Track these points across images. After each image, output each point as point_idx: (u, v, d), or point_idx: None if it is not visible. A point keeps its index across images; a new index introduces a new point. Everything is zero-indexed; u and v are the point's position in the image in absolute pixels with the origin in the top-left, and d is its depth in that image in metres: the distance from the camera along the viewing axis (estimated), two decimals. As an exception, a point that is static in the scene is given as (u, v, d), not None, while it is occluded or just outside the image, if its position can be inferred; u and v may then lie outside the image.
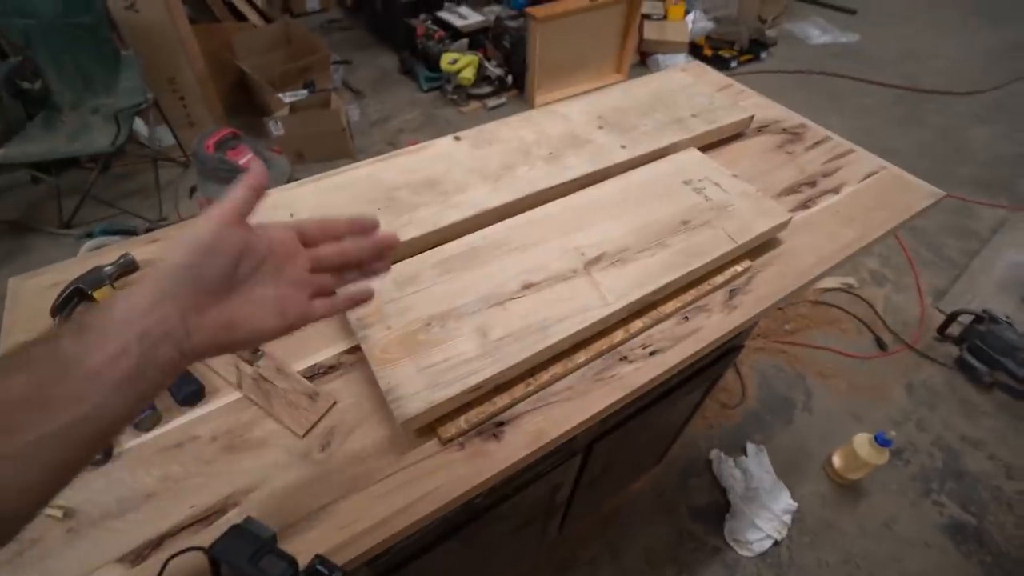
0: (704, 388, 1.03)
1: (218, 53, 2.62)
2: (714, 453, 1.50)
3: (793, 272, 0.77)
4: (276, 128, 2.39)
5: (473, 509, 0.69)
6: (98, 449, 0.31)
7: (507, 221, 0.74)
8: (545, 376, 0.62)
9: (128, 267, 0.74)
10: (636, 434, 0.93)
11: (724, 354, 0.93)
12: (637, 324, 0.67)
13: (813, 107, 3.01)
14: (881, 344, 1.80)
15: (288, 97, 2.53)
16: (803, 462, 1.51)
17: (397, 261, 0.69)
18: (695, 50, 3.44)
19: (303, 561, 0.42)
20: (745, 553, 1.33)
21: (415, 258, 0.69)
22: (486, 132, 0.92)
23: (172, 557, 0.42)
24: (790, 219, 0.78)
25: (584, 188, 0.81)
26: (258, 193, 0.37)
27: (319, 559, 0.44)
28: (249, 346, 0.39)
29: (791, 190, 0.91)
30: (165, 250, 0.33)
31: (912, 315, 1.90)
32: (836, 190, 0.92)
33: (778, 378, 1.70)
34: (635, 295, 0.65)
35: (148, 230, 2.00)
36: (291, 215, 0.75)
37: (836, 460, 1.46)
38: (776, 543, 1.34)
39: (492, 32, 3.12)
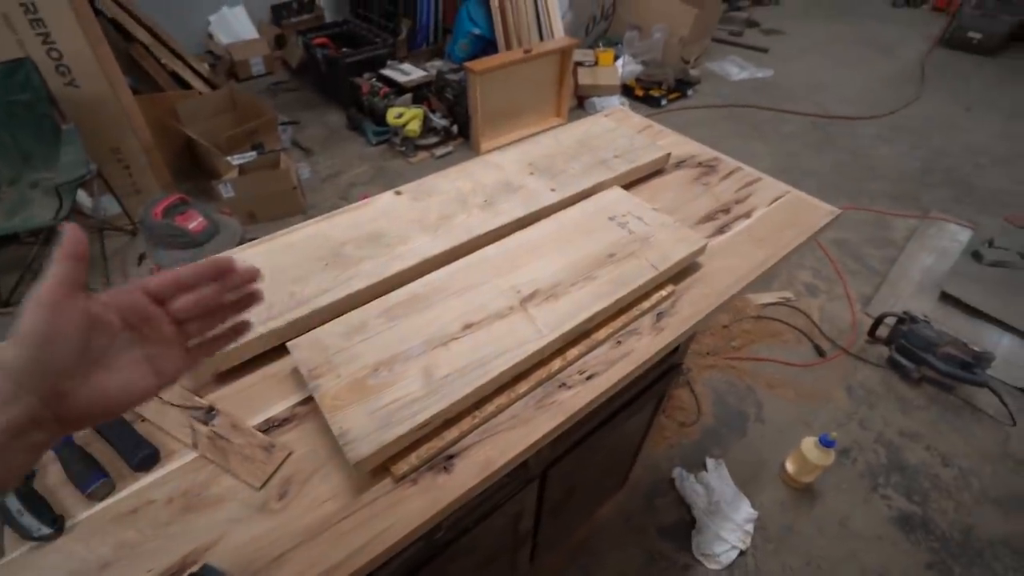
0: (651, 407, 1.09)
1: (163, 121, 2.64)
2: (676, 471, 1.54)
3: (713, 292, 0.85)
4: (226, 191, 2.40)
5: (435, 544, 0.71)
6: None
7: (447, 267, 0.80)
8: (490, 408, 0.66)
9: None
10: (590, 457, 0.97)
11: (664, 373, 0.99)
12: (573, 352, 0.73)
13: (739, 136, 3.26)
14: (820, 351, 1.92)
15: (237, 160, 2.56)
16: (760, 471, 1.58)
17: (345, 313, 0.73)
18: (627, 91, 3.69)
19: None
20: (713, 567, 1.36)
21: (362, 308, 0.73)
22: (425, 185, 0.99)
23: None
24: (706, 245, 0.87)
25: (518, 231, 0.88)
26: (79, 259, 0.35)
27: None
28: (129, 408, 0.37)
29: (708, 218, 1.01)
30: (4, 343, 0.33)
31: (845, 322, 2.04)
32: (748, 215, 1.02)
33: (730, 393, 1.79)
34: (568, 325, 0.71)
35: (94, 301, 1.96)
36: (240, 277, 0.79)
37: (789, 466, 1.54)
38: (742, 553, 1.38)
39: (435, 86, 3.27)
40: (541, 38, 3.57)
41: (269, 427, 0.65)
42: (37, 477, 0.61)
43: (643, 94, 3.67)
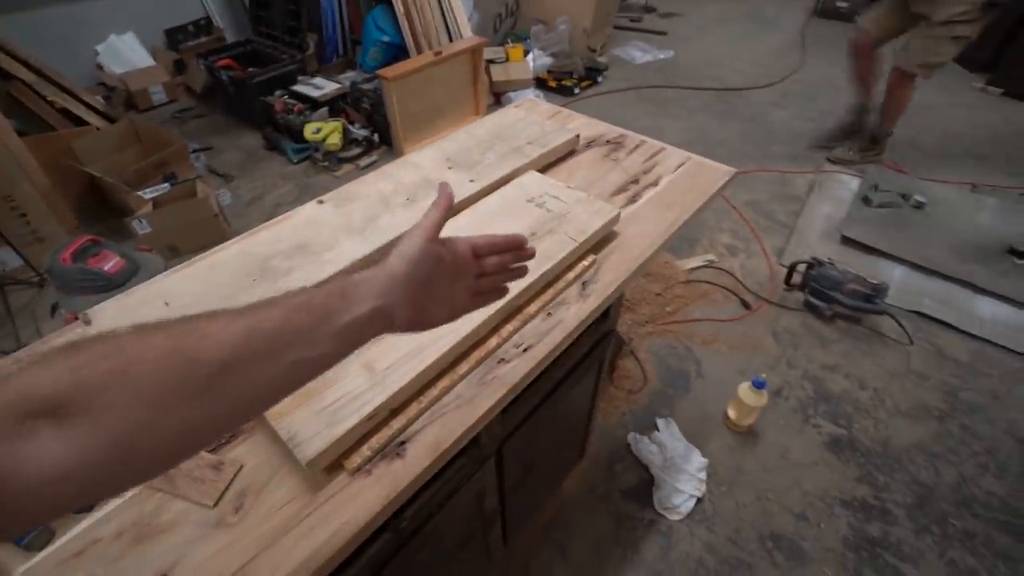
0: (593, 375, 1.15)
1: (59, 162, 2.46)
2: (631, 436, 1.63)
3: (631, 257, 0.92)
4: (141, 227, 2.28)
5: (401, 534, 0.73)
6: (313, 377, 0.40)
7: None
8: (434, 392, 0.69)
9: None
10: (542, 430, 1.02)
11: (600, 340, 1.06)
12: (507, 328, 0.77)
13: (650, 115, 3.43)
14: (745, 304, 2.07)
15: (149, 193, 2.43)
16: (706, 422, 1.69)
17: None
18: (541, 84, 3.79)
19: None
20: (675, 517, 1.45)
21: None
22: (346, 191, 1.00)
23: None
24: (619, 213, 0.94)
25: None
26: (448, 213, 0.49)
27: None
28: (426, 329, 0.50)
29: (620, 190, 1.08)
30: (394, 255, 0.46)
31: (764, 275, 2.21)
32: (656, 183, 1.10)
33: (671, 355, 1.89)
34: (499, 304, 0.75)
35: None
36: (166, 303, 0.77)
37: (730, 412, 1.66)
38: (699, 500, 1.48)
39: (350, 97, 3.23)
40: (450, 39, 3.61)
41: (215, 446, 0.65)
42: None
43: (556, 85, 3.78)
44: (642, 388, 1.78)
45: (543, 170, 1.08)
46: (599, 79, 3.88)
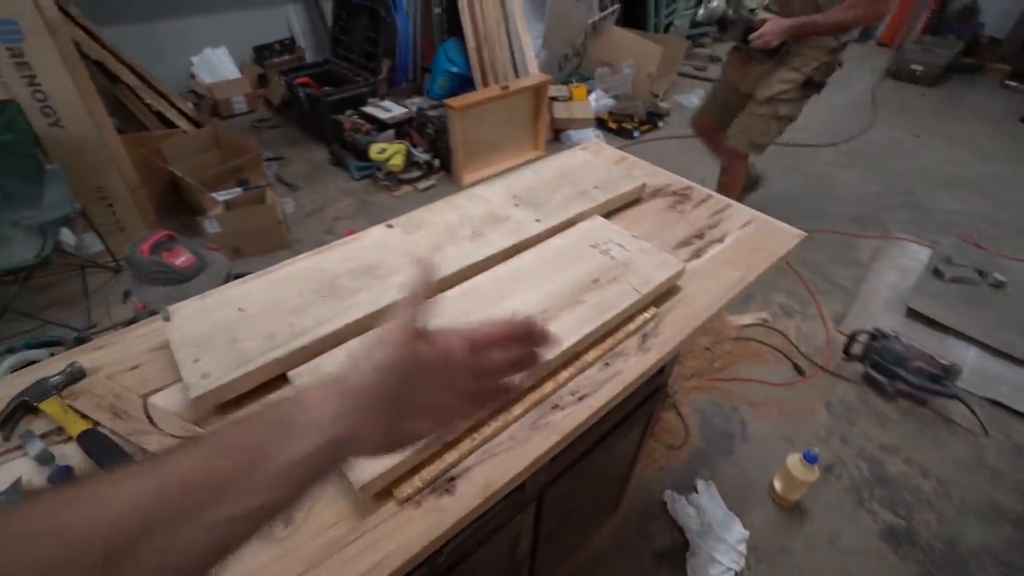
0: (640, 429, 1.12)
1: (148, 159, 2.66)
2: (667, 494, 1.56)
3: (693, 313, 0.90)
4: (212, 226, 2.42)
5: (437, 569, 0.72)
6: (253, 535, 0.32)
7: (440, 296, 0.83)
8: (488, 430, 0.69)
9: (76, 375, 0.76)
10: (584, 479, 1.00)
11: (651, 395, 1.03)
12: (564, 374, 0.76)
13: (708, 165, 3.38)
14: (799, 369, 1.99)
15: (222, 196, 2.58)
16: (749, 490, 1.60)
17: (337, 342, 0.76)
18: (601, 124, 3.84)
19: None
20: (709, 588, 1.37)
21: (358, 338, 0.76)
22: (415, 218, 1.03)
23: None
24: (684, 268, 0.93)
25: (506, 260, 0.92)
26: (427, 300, 0.38)
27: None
28: (402, 449, 0.39)
29: (684, 243, 1.07)
30: (350, 367, 0.36)
31: (820, 340, 2.12)
32: (721, 239, 1.08)
33: (716, 413, 1.83)
34: (559, 348, 0.75)
35: (78, 339, 1.92)
36: (239, 310, 0.81)
37: (776, 484, 1.57)
38: (736, 574, 1.40)
39: (416, 122, 3.36)
40: (517, 75, 3.72)
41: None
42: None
43: (616, 127, 3.82)
44: (683, 444, 1.71)
45: (607, 216, 1.08)
46: (660, 124, 3.90)
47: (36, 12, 1.97)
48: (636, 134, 3.78)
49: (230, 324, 0.78)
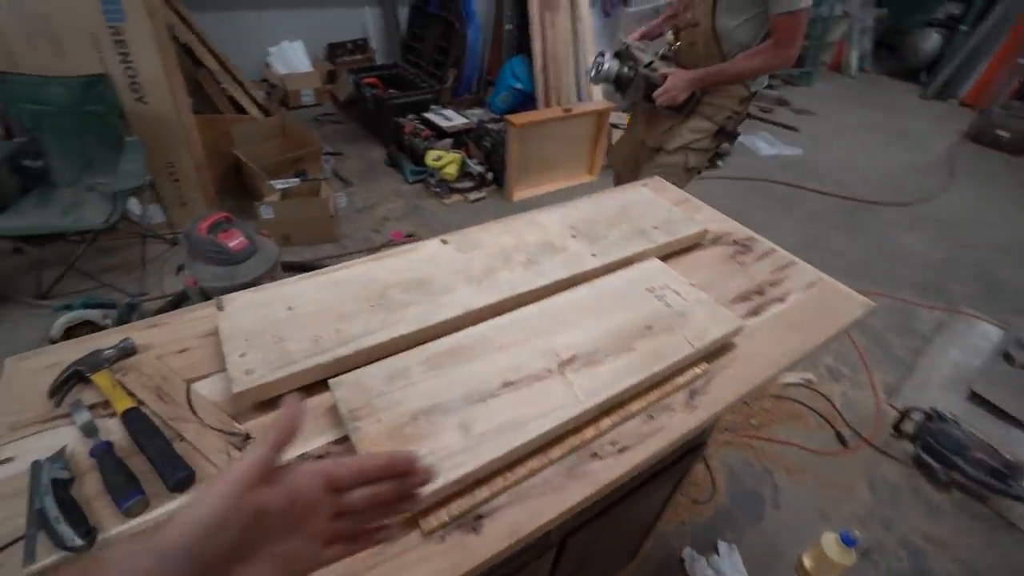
0: (672, 483, 1.07)
1: (217, 141, 2.77)
2: (687, 552, 1.49)
3: (747, 375, 0.85)
4: (267, 212, 2.49)
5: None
6: None
7: (489, 322, 0.82)
8: (522, 471, 0.66)
9: (128, 351, 0.78)
10: (608, 528, 0.95)
11: (689, 451, 0.98)
12: (607, 422, 0.73)
13: (766, 211, 3.31)
14: (842, 440, 1.88)
15: (280, 184, 2.66)
16: (774, 562, 1.51)
17: (388, 356, 0.75)
18: (660, 157, 3.79)
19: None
20: (720, 660, 1.29)
21: (405, 354, 0.75)
22: (470, 237, 1.02)
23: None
24: (742, 326, 0.88)
25: (559, 292, 0.90)
26: (285, 445, 0.34)
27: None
28: None
29: (742, 298, 1.02)
30: (169, 520, 0.31)
31: (868, 411, 2.00)
32: (782, 299, 1.03)
33: (747, 472, 1.74)
34: (604, 395, 0.72)
35: (130, 305, 2.01)
36: (289, 308, 0.81)
37: (807, 561, 1.47)
38: (750, 650, 1.31)
39: (474, 133, 3.40)
40: (579, 98, 3.73)
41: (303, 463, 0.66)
42: (76, 485, 0.62)
43: (675, 161, 3.77)
44: (709, 500, 1.64)
45: (664, 259, 1.05)
46: (719, 163, 3.83)
47: (140, -6, 2.09)
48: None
49: (279, 322, 0.79)
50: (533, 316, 0.84)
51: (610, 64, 1.69)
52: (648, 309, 0.87)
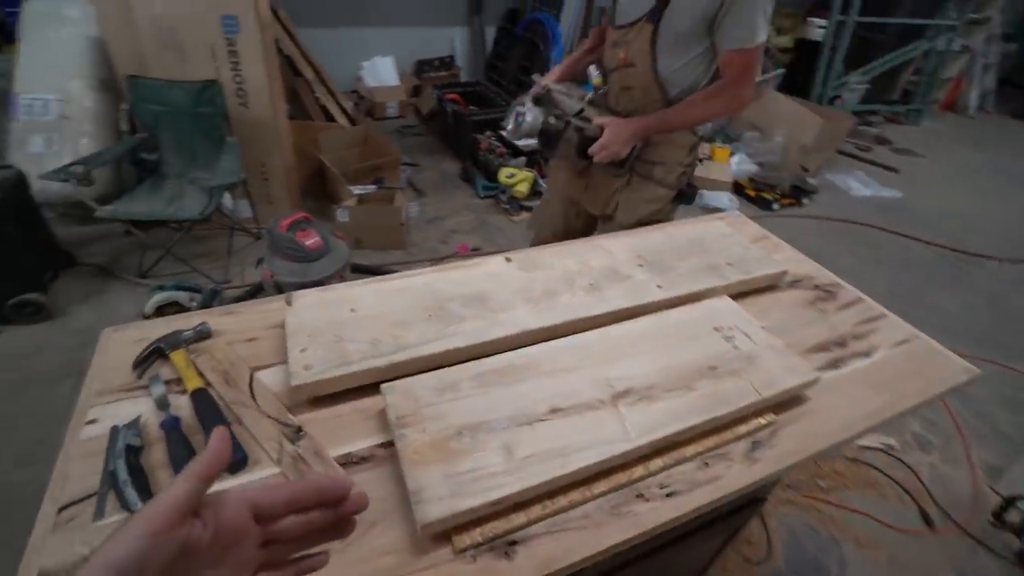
0: (723, 538, 0.99)
1: (305, 146, 2.97)
2: (732, 612, 1.38)
3: (819, 432, 0.78)
4: (343, 216, 2.62)
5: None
6: None
7: (545, 344, 0.80)
8: (563, 501, 0.64)
9: (204, 335, 0.83)
10: (645, 572, 0.90)
11: (745, 505, 0.91)
12: (657, 463, 0.69)
13: (854, 256, 3.08)
14: (927, 519, 1.68)
15: (358, 190, 2.80)
16: (832, 640, 1.37)
17: (441, 367, 0.75)
18: (738, 189, 3.65)
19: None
20: None
21: (456, 367, 0.75)
22: (533, 256, 1.02)
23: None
24: (818, 378, 0.81)
25: (619, 321, 0.87)
26: (211, 480, 0.33)
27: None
28: None
29: (820, 348, 0.94)
30: (84, 562, 0.29)
31: (963, 491, 1.78)
32: (867, 353, 0.94)
33: (809, 538, 1.59)
34: (658, 433, 0.68)
35: (213, 291, 2.16)
36: (352, 310, 0.84)
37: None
38: None
39: (549, 154, 3.42)
40: (660, 126, 3.66)
41: (348, 462, 0.67)
42: (144, 453, 0.66)
43: (754, 195, 3.61)
44: (763, 562, 1.51)
45: (736, 297, 0.99)
46: (804, 201, 3.62)
47: (254, 11, 2.29)
48: (775, 206, 3.53)
49: (341, 322, 0.81)
50: (590, 343, 0.81)
51: (533, 114, 1.34)
52: (714, 349, 0.82)
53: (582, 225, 1.63)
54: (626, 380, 0.75)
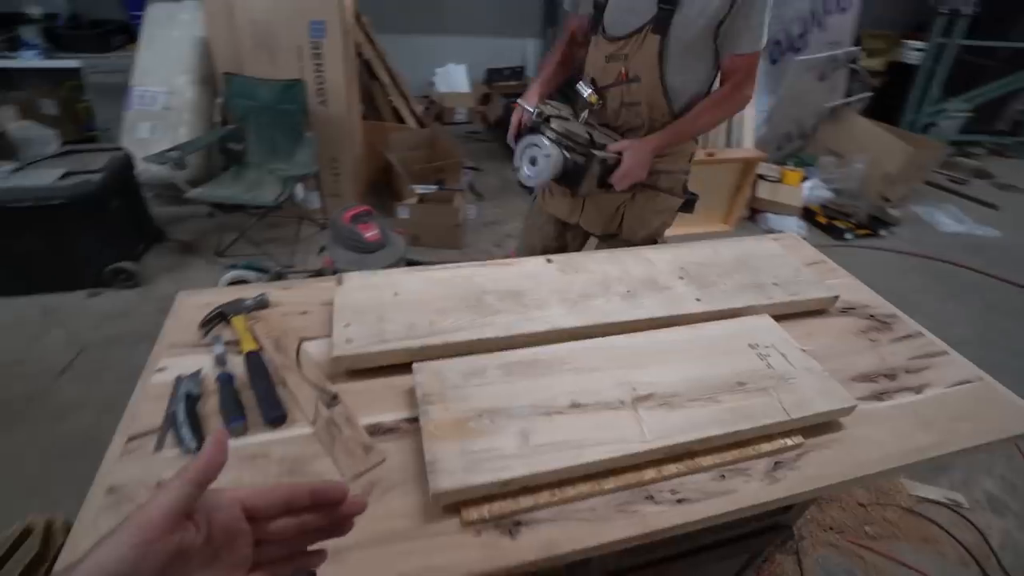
0: (742, 561, 0.96)
1: (374, 144, 3.13)
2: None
3: (850, 461, 0.75)
4: (403, 213, 2.74)
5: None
6: None
7: (573, 343, 0.82)
8: (571, 492, 0.65)
9: (262, 304, 0.91)
10: (658, 588, 0.89)
11: (766, 529, 0.88)
12: (671, 468, 0.69)
13: (935, 295, 2.86)
14: (987, 584, 1.53)
15: (420, 189, 2.92)
16: None
17: (470, 354, 0.79)
18: (809, 215, 3.48)
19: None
20: None
21: (485, 355, 0.79)
22: (575, 260, 1.04)
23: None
24: (855, 406, 0.78)
25: (652, 329, 0.87)
26: (206, 484, 0.33)
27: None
28: None
29: (866, 378, 0.90)
30: (76, 567, 0.28)
31: (1034, 560, 1.61)
32: (918, 389, 0.89)
33: (847, 583, 1.50)
34: (674, 439, 0.68)
35: (278, 273, 2.33)
36: (395, 294, 0.89)
37: None
38: None
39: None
40: (728, 144, 3.57)
41: (375, 431, 0.72)
42: (200, 402, 0.74)
43: (826, 222, 3.43)
44: (792, 601, 1.44)
45: (779, 319, 0.96)
46: (882, 232, 3.40)
47: (340, 18, 2.47)
48: (848, 236, 3.35)
49: (383, 304, 0.87)
50: (618, 346, 0.83)
51: (554, 154, 1.19)
52: (745, 365, 0.81)
53: (577, 247, 1.61)
54: (650, 385, 0.75)
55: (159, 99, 2.68)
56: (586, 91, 1.28)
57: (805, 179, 3.57)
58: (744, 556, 0.95)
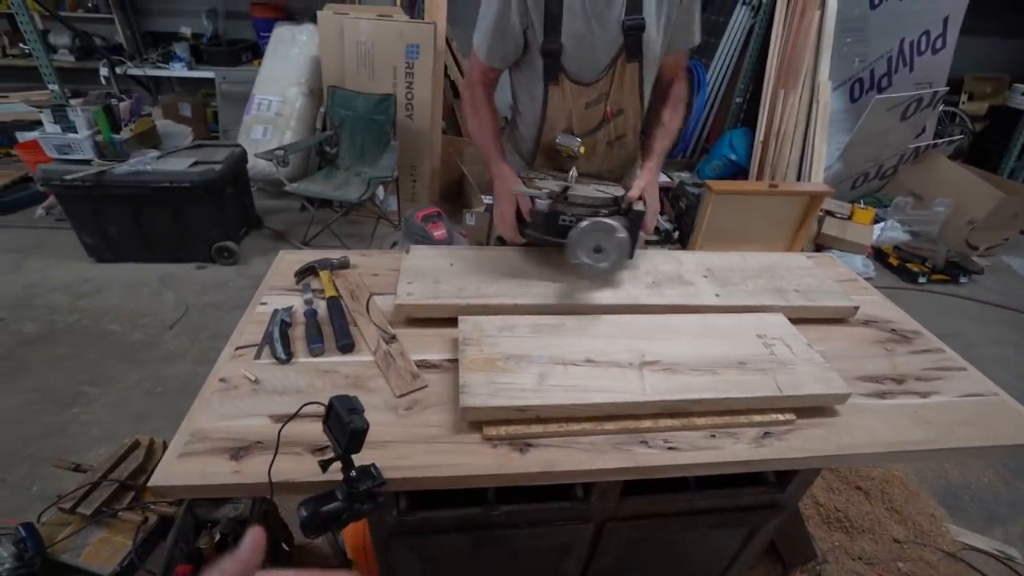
0: (740, 537, 1.03)
1: (450, 156, 3.40)
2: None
3: (838, 443, 0.81)
4: (470, 219, 2.96)
5: (490, 520, 0.84)
6: None
7: (595, 316, 0.95)
8: (576, 427, 0.78)
9: (344, 264, 1.11)
10: (656, 545, 0.98)
11: (761, 507, 0.95)
12: (666, 422, 0.80)
13: (1014, 347, 2.69)
14: (1029, 639, 1.45)
15: (487, 199, 3.13)
16: None
17: (507, 314, 0.94)
18: (880, 256, 3.37)
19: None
20: None
21: (518, 316, 0.93)
22: (609, 253, 1.16)
23: (306, 404, 0.67)
24: (848, 394, 0.84)
25: (669, 314, 0.98)
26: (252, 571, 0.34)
27: (373, 466, 0.65)
28: None
29: (873, 379, 0.94)
30: None
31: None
32: (924, 395, 0.92)
33: (871, 614, 1.47)
34: (670, 396, 0.79)
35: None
36: (451, 264, 1.06)
37: None
38: None
39: (673, 193, 3.49)
40: (798, 178, 3.54)
41: (423, 365, 0.88)
42: (291, 329, 0.93)
43: (898, 264, 3.30)
44: (806, 617, 1.44)
45: (796, 322, 1.02)
46: (962, 279, 3.22)
47: (433, 42, 2.76)
48: (922, 280, 3.19)
49: (440, 270, 1.04)
50: (634, 324, 0.94)
51: (622, 232, 0.97)
52: (749, 350, 0.90)
53: None
54: (657, 354, 0.87)
55: (273, 106, 3.09)
56: (575, 143, 1.12)
57: (879, 220, 3.46)
58: (744, 530, 1.01)
